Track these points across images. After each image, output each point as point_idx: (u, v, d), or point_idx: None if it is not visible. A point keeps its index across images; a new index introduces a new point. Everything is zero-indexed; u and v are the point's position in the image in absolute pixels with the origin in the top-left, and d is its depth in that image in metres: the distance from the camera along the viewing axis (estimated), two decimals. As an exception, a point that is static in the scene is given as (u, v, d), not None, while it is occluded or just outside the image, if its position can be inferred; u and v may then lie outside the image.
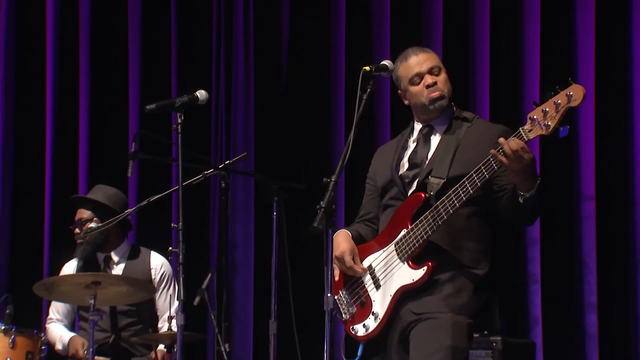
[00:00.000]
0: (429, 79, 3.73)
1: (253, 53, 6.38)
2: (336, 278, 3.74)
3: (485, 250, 3.64)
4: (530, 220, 3.70)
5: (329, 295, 3.43)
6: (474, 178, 3.48)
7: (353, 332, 3.70)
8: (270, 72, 6.37)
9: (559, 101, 3.33)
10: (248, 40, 6.40)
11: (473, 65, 5.87)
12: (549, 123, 3.33)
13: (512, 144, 3.37)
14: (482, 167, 3.47)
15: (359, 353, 3.69)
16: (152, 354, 5.02)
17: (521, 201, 3.47)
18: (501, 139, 3.42)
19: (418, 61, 3.75)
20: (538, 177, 3.46)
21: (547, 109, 3.34)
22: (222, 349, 4.68)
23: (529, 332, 5.61)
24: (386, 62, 3.69)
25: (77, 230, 5.23)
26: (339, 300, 3.75)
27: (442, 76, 3.76)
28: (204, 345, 6.06)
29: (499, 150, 3.41)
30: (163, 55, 6.42)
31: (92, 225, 5.14)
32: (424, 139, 3.76)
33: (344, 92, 6.22)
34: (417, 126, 3.82)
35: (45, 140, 6.41)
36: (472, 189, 3.48)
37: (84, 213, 5.26)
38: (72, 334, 5.20)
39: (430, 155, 3.71)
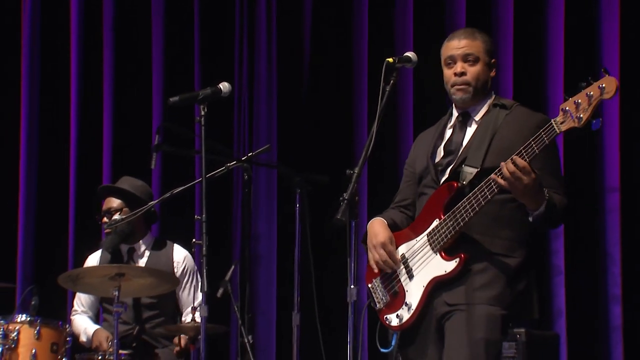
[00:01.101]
0: (459, 67, 3.67)
1: (276, 45, 6.39)
2: (375, 270, 3.71)
3: (520, 238, 3.56)
4: (551, 228, 3.66)
5: (352, 287, 3.42)
6: (491, 182, 3.43)
7: (387, 322, 3.67)
8: (292, 64, 6.37)
9: (591, 93, 3.25)
10: (271, 32, 6.40)
11: (497, 55, 5.84)
12: (581, 115, 3.26)
13: (510, 166, 3.33)
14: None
15: (393, 342, 3.67)
16: (176, 339, 5.05)
17: (530, 220, 3.46)
18: (502, 163, 3.37)
19: (458, 45, 3.69)
20: (545, 195, 3.41)
21: (579, 101, 3.26)
22: (246, 341, 4.69)
23: (553, 324, 5.59)
24: (409, 54, 3.65)
25: (105, 219, 5.25)
26: (373, 288, 3.72)
27: (477, 67, 3.68)
28: (228, 337, 6.08)
29: (497, 173, 3.39)
30: (186, 47, 6.43)
31: (117, 217, 5.17)
32: (460, 126, 3.70)
33: (367, 83, 6.20)
34: (455, 112, 3.75)
35: (69, 133, 6.44)
36: (496, 188, 3.42)
37: (114, 202, 5.27)
38: (96, 327, 5.23)
39: (465, 143, 3.65)
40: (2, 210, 6.41)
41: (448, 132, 3.75)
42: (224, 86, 4.22)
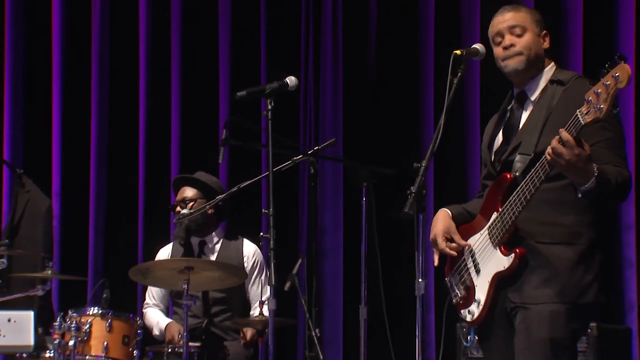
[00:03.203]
0: (507, 40, 3.57)
1: (341, 38, 6.38)
2: (435, 263, 3.68)
3: (586, 222, 3.46)
4: (614, 202, 3.53)
5: (419, 280, 3.40)
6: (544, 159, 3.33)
7: (463, 316, 3.65)
8: (358, 56, 6.36)
9: (608, 82, 3.15)
10: (336, 26, 6.40)
11: (565, 29, 5.77)
12: (602, 106, 3.16)
13: (553, 141, 3.23)
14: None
15: (471, 337, 3.65)
16: (242, 332, 5.10)
17: (579, 195, 3.33)
18: (556, 139, 3.25)
19: (502, 19, 3.60)
20: (595, 171, 3.27)
21: (599, 91, 3.17)
22: (313, 334, 4.70)
23: (624, 318, 5.50)
24: (477, 46, 3.61)
25: (179, 209, 5.31)
26: (450, 283, 3.69)
27: (526, 37, 3.57)
28: (295, 330, 6.11)
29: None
30: (252, 42, 6.47)
31: (184, 211, 5.22)
32: (517, 107, 3.62)
33: (433, 76, 6.17)
34: (515, 92, 3.67)
35: (138, 129, 6.52)
36: (550, 167, 3.33)
37: (189, 192, 5.34)
38: (168, 320, 5.30)
39: (520, 127, 3.56)
40: (73, 206, 6.51)
41: (508, 115, 3.67)
42: (291, 80, 4.23)
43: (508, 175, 3.50)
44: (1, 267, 5.09)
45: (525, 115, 3.59)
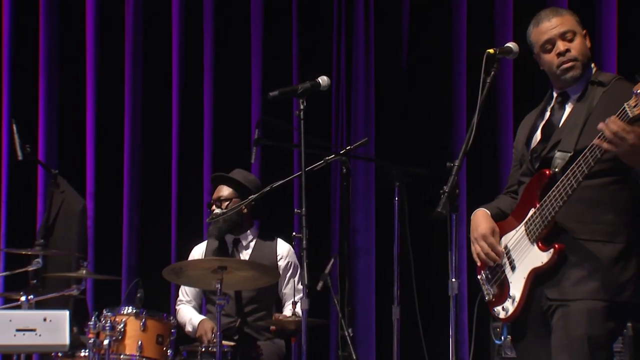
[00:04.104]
0: (560, 46, 3.55)
1: (373, 38, 6.38)
2: (479, 263, 3.67)
3: (626, 221, 3.45)
4: None
5: (453, 280, 3.40)
6: (594, 149, 3.32)
7: (496, 314, 3.64)
8: (390, 56, 6.35)
9: None
10: (368, 25, 6.40)
11: (599, 34, 5.72)
12: None
13: (612, 126, 3.21)
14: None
15: (504, 335, 3.63)
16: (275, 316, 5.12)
17: (639, 181, 3.34)
18: (600, 124, 3.25)
19: (550, 26, 3.57)
20: None
21: None
22: (346, 334, 4.70)
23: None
24: (510, 45, 3.60)
25: (214, 208, 5.34)
26: (482, 280, 3.68)
27: (577, 41, 3.56)
28: (328, 330, 6.11)
29: (600, 137, 3.26)
30: (285, 41, 6.48)
31: (218, 211, 5.25)
32: (558, 108, 3.61)
33: (466, 75, 6.15)
34: (555, 93, 3.66)
35: (170, 128, 6.55)
36: (593, 161, 3.32)
37: (225, 191, 5.36)
38: (201, 317, 5.33)
39: (559, 126, 3.57)
40: (108, 206, 6.56)
41: (547, 115, 3.67)
42: (323, 80, 4.23)
43: (547, 172, 3.50)
44: (36, 267, 5.14)
45: (566, 115, 3.59)
